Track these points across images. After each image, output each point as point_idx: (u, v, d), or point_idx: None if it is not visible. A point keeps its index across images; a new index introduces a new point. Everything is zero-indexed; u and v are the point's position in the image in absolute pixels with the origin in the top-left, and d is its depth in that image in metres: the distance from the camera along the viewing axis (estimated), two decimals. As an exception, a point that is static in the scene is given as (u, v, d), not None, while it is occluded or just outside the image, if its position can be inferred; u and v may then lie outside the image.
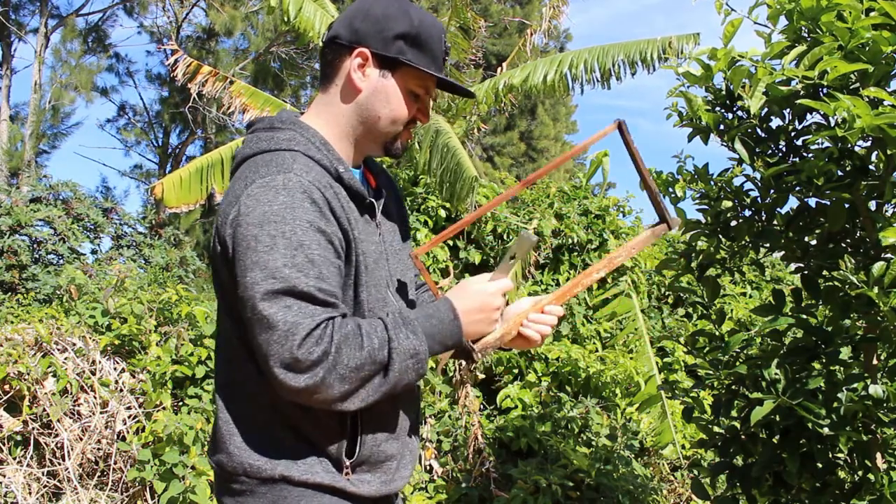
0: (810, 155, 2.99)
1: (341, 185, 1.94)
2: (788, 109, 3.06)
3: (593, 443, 6.10)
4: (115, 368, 5.21)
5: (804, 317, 3.13)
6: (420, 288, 2.35)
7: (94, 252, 11.18)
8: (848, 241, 3.19)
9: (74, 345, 5.12)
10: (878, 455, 3.11)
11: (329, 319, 1.75)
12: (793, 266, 3.73)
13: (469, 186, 6.50)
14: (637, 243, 2.16)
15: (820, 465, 3.14)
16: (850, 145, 2.79)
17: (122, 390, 5.11)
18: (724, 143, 3.12)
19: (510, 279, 2.00)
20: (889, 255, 2.96)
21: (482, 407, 6.50)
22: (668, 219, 2.18)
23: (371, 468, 1.96)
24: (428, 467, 5.66)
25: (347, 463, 1.91)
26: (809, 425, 2.95)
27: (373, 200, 2.03)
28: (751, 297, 9.61)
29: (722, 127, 3.12)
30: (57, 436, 4.84)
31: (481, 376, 6.53)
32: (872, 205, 3.04)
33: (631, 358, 6.98)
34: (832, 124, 2.71)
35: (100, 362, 5.13)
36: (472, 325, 1.94)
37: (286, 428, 1.90)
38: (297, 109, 2.16)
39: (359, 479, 1.94)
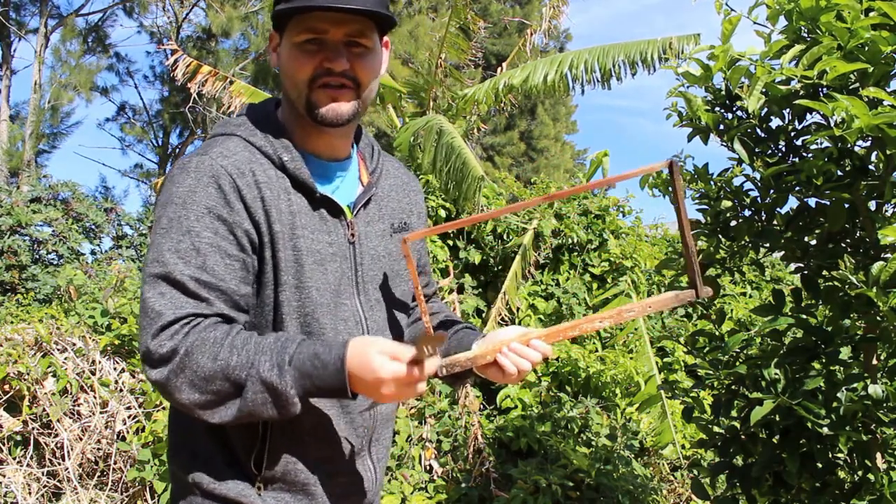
0: (810, 155, 2.99)
1: (285, 173, 1.82)
2: (788, 109, 3.06)
3: (593, 443, 6.10)
4: (114, 368, 5.21)
5: (804, 317, 3.12)
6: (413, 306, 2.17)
7: (93, 252, 11.21)
8: (848, 240, 3.19)
9: (74, 345, 5.12)
10: (878, 455, 3.11)
11: (195, 316, 1.66)
12: (792, 266, 3.74)
13: (476, 186, 6.48)
14: (655, 303, 1.96)
15: (820, 465, 3.13)
16: (849, 145, 2.79)
17: (121, 390, 5.12)
18: (724, 143, 3.12)
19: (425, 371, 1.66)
20: (888, 255, 2.96)
21: (482, 407, 6.50)
22: (699, 287, 1.93)
23: (290, 488, 1.82)
24: (428, 467, 5.67)
25: (258, 475, 1.79)
26: (809, 425, 2.94)
27: (326, 195, 1.86)
28: (751, 297, 9.61)
29: (721, 127, 3.12)
30: (57, 436, 4.85)
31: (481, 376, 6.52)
32: (872, 205, 3.04)
33: (631, 358, 6.99)
34: (831, 124, 2.71)
35: (100, 362, 5.14)
36: (359, 387, 1.66)
37: (207, 428, 1.78)
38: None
39: (274, 498, 1.80)
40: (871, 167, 2.95)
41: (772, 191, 3.13)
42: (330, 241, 1.85)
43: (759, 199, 3.21)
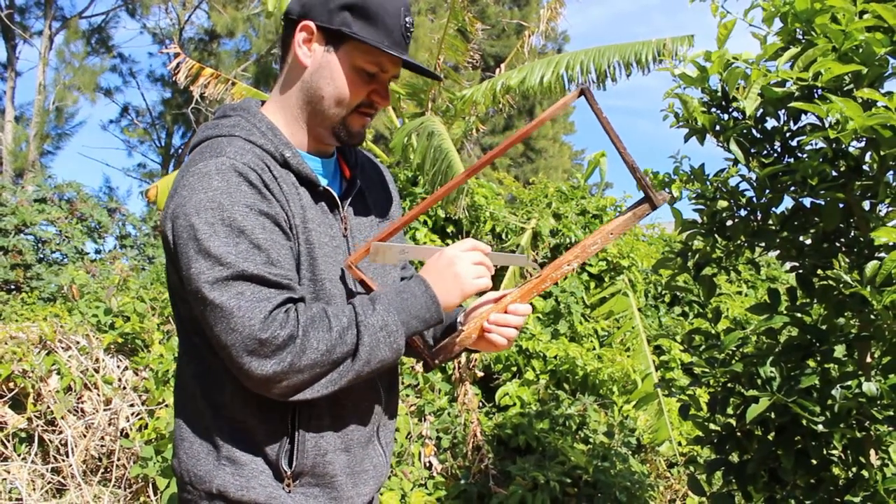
0: (805, 155, 3.00)
1: (289, 170, 1.81)
2: (783, 111, 3.07)
3: (591, 440, 6.11)
4: (118, 366, 5.23)
5: (799, 315, 3.15)
6: None
7: (97, 252, 11.25)
8: (842, 240, 3.19)
9: (78, 343, 5.14)
10: (872, 451, 3.12)
11: (290, 301, 1.66)
12: (788, 265, 3.75)
13: (460, 189, 6.49)
14: (615, 227, 1.91)
15: (814, 462, 3.15)
16: (843, 146, 2.81)
17: (125, 388, 5.14)
18: (720, 144, 3.13)
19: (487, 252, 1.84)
20: (882, 255, 2.97)
21: (481, 404, 6.52)
22: (652, 195, 1.89)
23: (318, 481, 1.82)
24: (427, 464, 5.68)
25: (288, 472, 1.78)
26: (804, 422, 2.95)
27: (328, 188, 1.87)
28: (746, 295, 9.62)
29: (718, 128, 3.13)
30: (61, 433, 4.87)
31: (480, 374, 6.56)
32: (866, 205, 3.06)
33: (628, 356, 7.00)
34: (826, 125, 2.74)
35: (103, 360, 5.16)
36: (448, 295, 1.79)
37: (227, 431, 1.79)
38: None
39: (303, 494, 1.81)
40: (865, 168, 2.98)
41: (767, 191, 3.14)
42: (332, 234, 1.87)
43: (754, 199, 3.23)
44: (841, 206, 2.98)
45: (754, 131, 3.16)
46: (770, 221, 3.27)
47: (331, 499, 1.84)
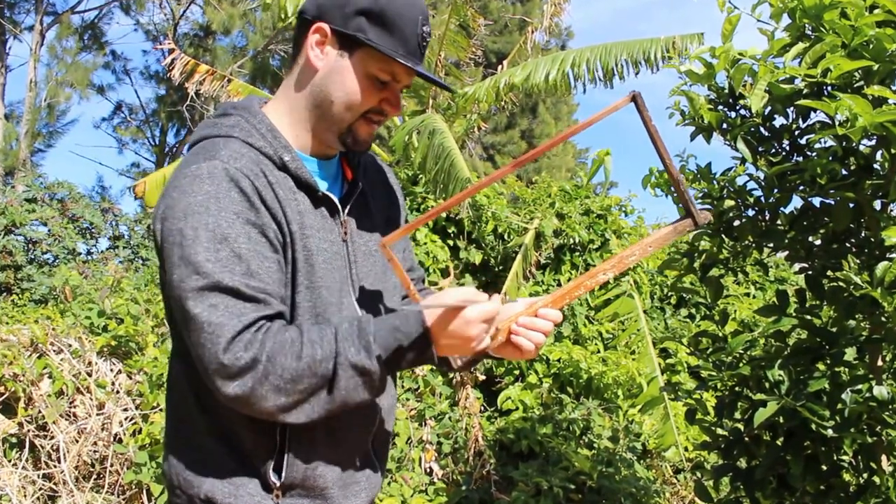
0: (814, 154, 2.98)
1: (288, 174, 1.79)
2: (791, 108, 3.04)
3: (595, 445, 6.11)
4: (111, 370, 5.21)
5: (808, 317, 3.13)
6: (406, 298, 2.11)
7: (90, 252, 11.27)
8: (852, 240, 3.18)
9: (70, 346, 5.12)
10: (884, 457, 3.11)
11: (262, 320, 1.63)
12: (797, 266, 3.72)
13: (461, 187, 6.44)
14: (654, 241, 1.88)
15: (824, 468, 3.13)
16: (853, 144, 2.78)
17: (118, 392, 5.12)
18: (727, 142, 3.12)
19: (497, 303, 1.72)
20: (893, 255, 2.96)
21: (483, 408, 6.50)
22: (695, 212, 1.87)
23: (308, 493, 1.81)
24: (428, 469, 5.67)
25: (277, 484, 1.77)
26: (814, 427, 2.94)
27: (327, 193, 1.86)
28: (754, 297, 9.60)
29: (725, 126, 3.12)
30: (52, 438, 4.84)
31: (482, 378, 6.53)
32: (877, 204, 3.03)
33: (633, 359, 6.99)
34: (835, 123, 2.69)
35: (96, 363, 5.14)
36: (447, 349, 1.70)
37: (217, 437, 1.79)
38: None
39: None
40: (875, 166, 2.95)
41: (775, 190, 3.12)
42: (332, 239, 1.85)
43: (762, 198, 3.21)
44: (851, 205, 2.95)
45: (762, 129, 3.14)
46: (778, 221, 3.25)
47: None
